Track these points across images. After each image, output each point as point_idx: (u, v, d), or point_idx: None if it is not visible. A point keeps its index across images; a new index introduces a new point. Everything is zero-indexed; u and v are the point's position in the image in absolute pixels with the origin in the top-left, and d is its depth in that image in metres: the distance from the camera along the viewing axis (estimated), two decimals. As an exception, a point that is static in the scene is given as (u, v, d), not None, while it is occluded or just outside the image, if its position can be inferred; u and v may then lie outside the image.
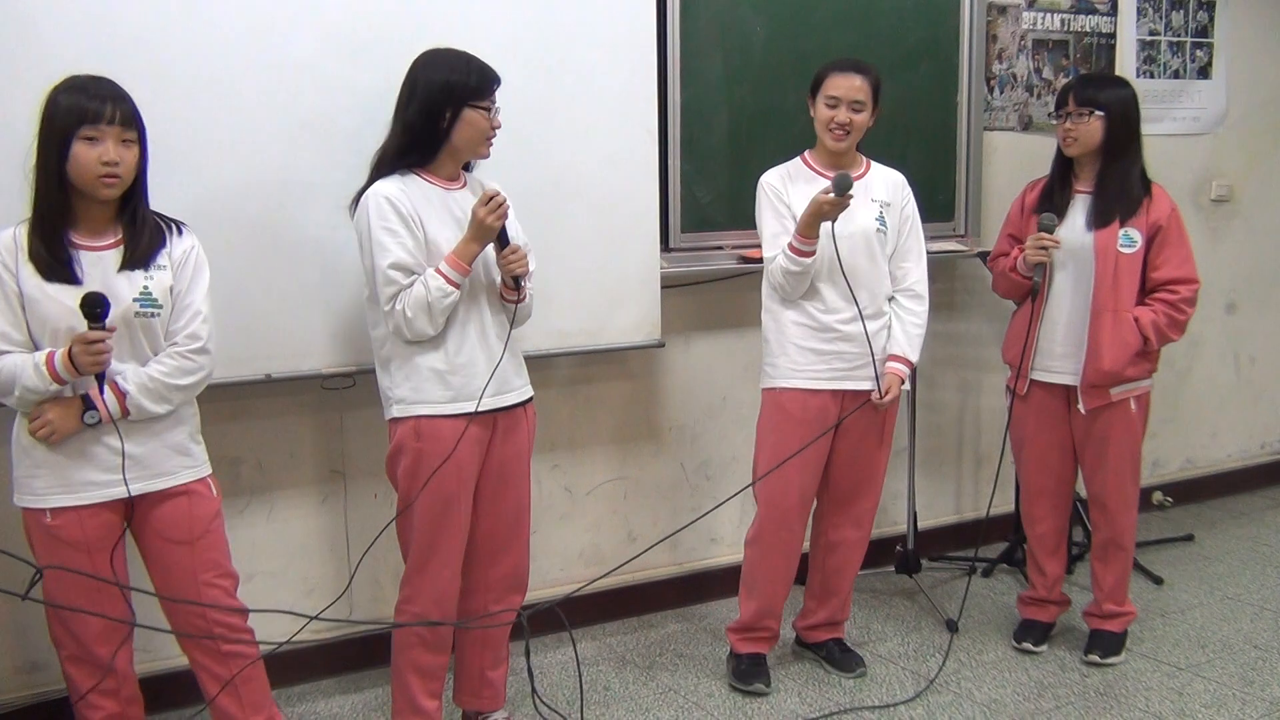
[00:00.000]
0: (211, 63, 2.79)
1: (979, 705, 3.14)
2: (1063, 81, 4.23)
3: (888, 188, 3.14)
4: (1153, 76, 4.61)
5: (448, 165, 2.68)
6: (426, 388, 2.63)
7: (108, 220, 2.35)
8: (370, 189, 2.59)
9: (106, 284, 2.29)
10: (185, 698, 2.95)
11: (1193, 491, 4.96)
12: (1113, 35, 4.48)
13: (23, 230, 2.29)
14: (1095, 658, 3.38)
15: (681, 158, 3.55)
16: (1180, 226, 3.23)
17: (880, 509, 3.37)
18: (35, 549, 2.37)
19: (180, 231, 2.45)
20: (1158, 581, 4.04)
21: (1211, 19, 4.74)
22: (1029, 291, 3.31)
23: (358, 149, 2.76)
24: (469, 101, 2.60)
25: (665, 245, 3.54)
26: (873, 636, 3.61)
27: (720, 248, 3.65)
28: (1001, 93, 4.24)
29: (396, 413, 2.66)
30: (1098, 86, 3.24)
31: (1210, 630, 3.63)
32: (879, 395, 3.08)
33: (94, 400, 2.30)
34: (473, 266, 2.60)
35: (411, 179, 2.63)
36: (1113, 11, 4.46)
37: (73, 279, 2.28)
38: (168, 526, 2.43)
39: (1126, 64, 4.53)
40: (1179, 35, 4.66)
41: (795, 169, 3.14)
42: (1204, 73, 4.75)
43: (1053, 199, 3.29)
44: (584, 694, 3.19)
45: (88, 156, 2.24)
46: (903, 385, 3.12)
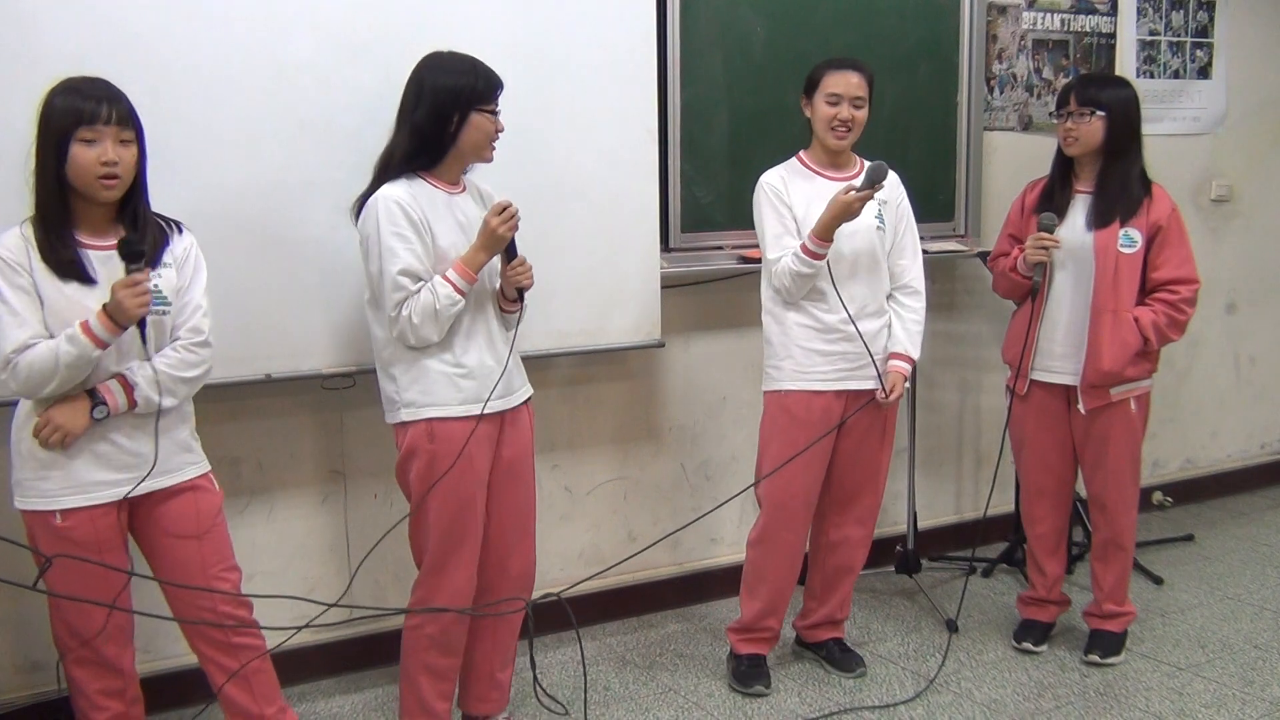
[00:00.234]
0: (211, 63, 2.79)
1: (979, 705, 3.14)
2: (1063, 81, 4.23)
3: (884, 185, 3.14)
4: (1153, 76, 4.60)
5: (453, 169, 2.68)
6: (437, 390, 2.62)
7: (109, 221, 2.34)
8: (379, 192, 2.58)
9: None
10: (186, 698, 2.96)
11: (1193, 491, 4.96)
12: (1113, 35, 4.47)
13: (28, 229, 2.28)
14: (1095, 658, 3.38)
15: (681, 158, 3.55)
16: (1180, 227, 3.23)
17: (880, 509, 3.37)
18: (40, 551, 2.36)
19: (179, 230, 2.46)
20: (1158, 581, 4.04)
21: (1211, 19, 4.74)
22: (1029, 291, 3.31)
23: (358, 149, 2.77)
24: (476, 105, 2.60)
25: (665, 245, 3.54)
26: (873, 636, 3.60)
27: (720, 248, 3.65)
28: (1001, 93, 4.23)
29: (406, 416, 2.65)
30: (1099, 86, 3.24)
31: (1210, 630, 3.63)
32: (884, 394, 3.08)
33: (102, 394, 2.29)
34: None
35: (418, 183, 2.62)
36: (1113, 11, 4.46)
37: (85, 278, 2.28)
38: (176, 522, 2.43)
39: (1126, 64, 4.53)
40: (1179, 35, 4.66)
41: (793, 169, 3.14)
42: (1204, 73, 4.75)
43: (1053, 199, 3.29)
44: (586, 692, 3.19)
45: (86, 157, 2.23)
46: (905, 382, 3.12)
